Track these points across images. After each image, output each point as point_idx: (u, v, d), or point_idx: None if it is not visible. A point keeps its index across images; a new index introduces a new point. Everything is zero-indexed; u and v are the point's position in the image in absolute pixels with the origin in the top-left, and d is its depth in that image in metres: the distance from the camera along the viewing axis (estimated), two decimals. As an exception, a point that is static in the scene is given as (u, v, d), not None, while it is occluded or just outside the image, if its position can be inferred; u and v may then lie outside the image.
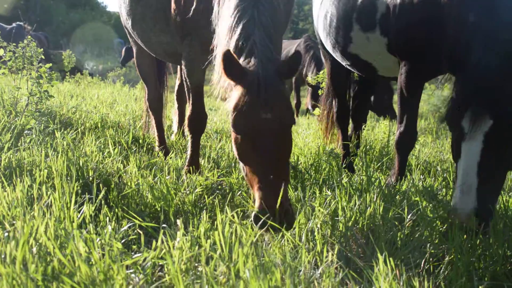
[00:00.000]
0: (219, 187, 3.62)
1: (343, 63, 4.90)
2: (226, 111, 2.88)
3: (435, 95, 15.80)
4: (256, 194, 2.57)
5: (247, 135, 2.69)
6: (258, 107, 2.66)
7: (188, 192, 3.28)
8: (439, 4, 3.50)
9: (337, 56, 4.86)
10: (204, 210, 2.88)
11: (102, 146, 4.21)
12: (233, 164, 4.29)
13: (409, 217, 2.77)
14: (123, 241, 2.52)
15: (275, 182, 2.54)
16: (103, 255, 2.07)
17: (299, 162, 4.22)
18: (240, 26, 3.00)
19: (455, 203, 2.74)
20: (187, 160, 4.00)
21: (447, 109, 2.97)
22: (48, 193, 2.72)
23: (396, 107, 6.59)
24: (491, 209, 2.70)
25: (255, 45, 2.89)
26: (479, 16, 3.14)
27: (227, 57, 2.70)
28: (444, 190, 3.48)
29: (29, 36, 5.16)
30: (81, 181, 3.19)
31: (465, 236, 2.43)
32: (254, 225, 2.45)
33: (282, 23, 3.65)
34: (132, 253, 2.42)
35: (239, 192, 3.41)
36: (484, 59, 2.92)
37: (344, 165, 4.75)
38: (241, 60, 2.84)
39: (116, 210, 2.91)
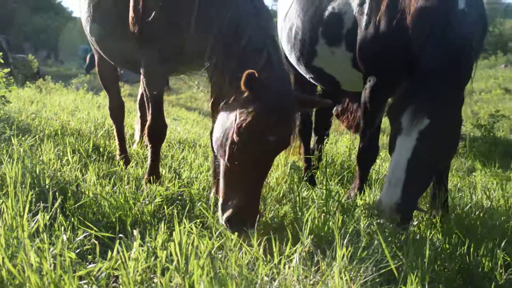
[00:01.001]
0: (180, 197, 3.58)
1: (307, 76, 4.95)
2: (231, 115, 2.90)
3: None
4: (234, 199, 2.77)
5: (248, 149, 2.78)
6: (268, 130, 2.76)
7: (147, 202, 3.24)
8: (404, 24, 3.59)
9: (301, 69, 4.91)
10: (163, 221, 2.86)
11: (61, 154, 4.12)
12: (194, 175, 4.26)
13: (367, 231, 2.81)
14: (78, 251, 2.47)
15: (254, 192, 2.79)
16: (55, 265, 2.01)
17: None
18: (246, 37, 3.03)
19: (381, 196, 2.87)
20: (147, 170, 3.95)
21: (390, 104, 3.08)
22: (0, 201, 2.64)
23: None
24: (414, 205, 2.81)
25: (272, 60, 2.97)
26: (433, 26, 3.29)
27: (251, 78, 2.73)
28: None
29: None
30: (37, 189, 3.11)
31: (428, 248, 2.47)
32: (224, 224, 2.68)
33: None
34: (87, 264, 2.37)
35: (200, 203, 3.39)
36: (431, 64, 3.09)
37: (305, 178, 4.79)
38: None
39: (73, 219, 2.85)
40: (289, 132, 2.89)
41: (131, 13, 3.75)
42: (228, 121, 2.91)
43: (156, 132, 3.89)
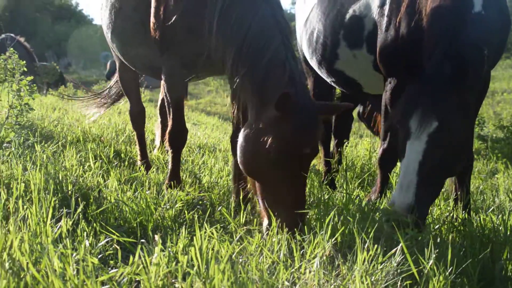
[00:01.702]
0: (200, 202, 3.60)
1: (328, 80, 4.94)
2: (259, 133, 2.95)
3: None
4: (278, 215, 2.83)
5: (284, 166, 2.85)
6: (301, 144, 2.87)
7: (168, 207, 3.27)
8: (422, 25, 3.56)
9: (322, 73, 4.90)
10: (184, 226, 2.87)
11: (83, 160, 4.18)
12: (215, 180, 4.28)
13: (388, 234, 2.79)
14: (100, 256, 2.50)
15: (294, 208, 2.84)
16: (78, 270, 2.04)
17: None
18: (271, 52, 3.09)
19: (394, 198, 2.88)
20: (168, 175, 3.98)
21: (397, 108, 3.09)
22: (25, 207, 2.69)
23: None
24: (427, 207, 2.85)
25: (294, 76, 3.03)
26: (444, 28, 3.28)
27: (286, 99, 2.80)
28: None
29: (11, 49, 5.13)
30: (59, 195, 3.16)
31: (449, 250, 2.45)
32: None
33: None
34: (109, 269, 2.39)
35: (220, 207, 3.40)
36: (437, 66, 3.07)
37: (325, 182, 4.77)
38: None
39: (95, 224, 2.89)
40: (317, 142, 3.01)
41: (152, 19, 3.79)
42: (258, 143, 2.94)
43: (177, 137, 3.92)
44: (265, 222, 2.96)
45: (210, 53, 3.51)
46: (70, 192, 3.22)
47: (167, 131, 3.97)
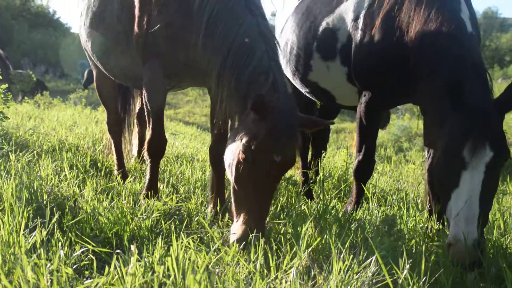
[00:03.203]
0: (177, 212, 3.59)
1: (303, 90, 4.99)
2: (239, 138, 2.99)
3: (395, 125, 16.20)
4: (242, 220, 2.88)
5: (253, 168, 2.90)
6: (274, 150, 2.88)
7: (145, 217, 3.24)
8: (400, 40, 3.62)
9: (297, 83, 4.95)
10: (160, 236, 2.86)
11: (59, 169, 4.13)
12: (192, 190, 4.27)
13: (363, 245, 2.81)
14: (75, 266, 2.47)
15: (261, 212, 2.90)
16: (52, 281, 2.02)
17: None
18: (255, 60, 3.14)
19: (458, 234, 2.71)
20: (145, 185, 3.96)
21: (448, 136, 2.97)
22: (-2, 216, 2.64)
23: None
24: (483, 241, 2.75)
25: (278, 85, 3.08)
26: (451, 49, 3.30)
27: (261, 100, 2.86)
28: (399, 219, 3.55)
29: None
30: (34, 204, 3.11)
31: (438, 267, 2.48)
32: (235, 243, 2.74)
33: None
34: (84, 279, 2.37)
35: (197, 217, 3.40)
36: (472, 96, 2.99)
37: (302, 192, 4.80)
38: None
39: (70, 235, 2.85)
40: (293, 153, 3.01)
41: (135, 29, 3.79)
42: (236, 143, 3.02)
43: (156, 147, 3.91)
44: (234, 222, 2.99)
45: (195, 64, 3.54)
46: (45, 201, 3.18)
47: (146, 141, 3.96)
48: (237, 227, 2.90)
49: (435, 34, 3.40)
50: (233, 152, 3.06)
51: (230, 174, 3.10)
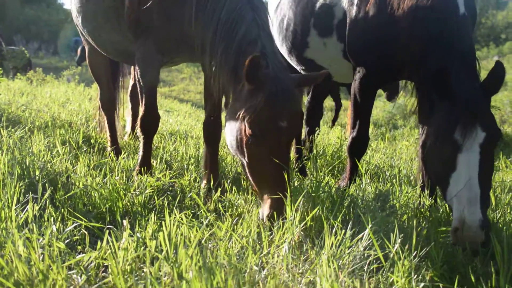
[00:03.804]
0: (170, 188, 3.59)
1: (298, 68, 4.96)
2: (236, 113, 2.96)
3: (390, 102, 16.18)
4: (265, 201, 2.82)
5: (262, 141, 2.85)
6: (278, 116, 2.84)
7: (137, 193, 3.24)
8: (392, 18, 3.60)
9: (292, 61, 4.91)
10: (153, 211, 2.86)
11: (51, 146, 4.11)
12: (185, 166, 4.27)
13: (355, 220, 2.83)
14: (67, 241, 2.47)
15: (283, 183, 2.80)
16: (44, 255, 2.02)
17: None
18: (243, 29, 3.11)
19: (463, 216, 2.70)
20: (138, 161, 3.95)
21: (433, 124, 3.01)
22: (-11, 192, 2.63)
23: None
24: (488, 220, 2.74)
25: (266, 51, 3.04)
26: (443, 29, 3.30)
27: (255, 63, 2.81)
28: (391, 195, 3.57)
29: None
30: (26, 180, 3.11)
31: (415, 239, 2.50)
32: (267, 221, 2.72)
33: None
34: (76, 254, 2.38)
35: (190, 193, 3.40)
36: (460, 75, 3.04)
37: (296, 169, 4.80)
38: None
39: (62, 210, 2.85)
40: (298, 115, 2.98)
41: (127, 3, 3.74)
42: (238, 120, 2.96)
43: (149, 123, 3.89)
44: (262, 210, 2.89)
45: (188, 39, 3.50)
46: (37, 177, 3.17)
47: (139, 117, 3.94)
48: (267, 205, 2.82)
49: (426, 16, 3.37)
50: (235, 131, 3.00)
51: (239, 154, 3.03)
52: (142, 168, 3.83)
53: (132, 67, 5.59)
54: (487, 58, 37.21)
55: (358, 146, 4.15)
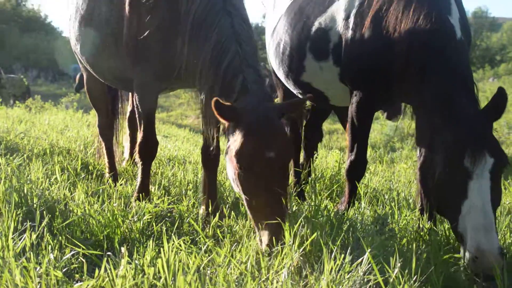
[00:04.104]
0: (169, 214, 3.58)
1: (295, 92, 4.98)
2: (228, 149, 3.01)
3: (388, 125, 16.24)
4: (263, 229, 2.81)
5: (252, 173, 2.86)
6: (261, 146, 2.84)
7: (136, 219, 3.23)
8: (388, 41, 3.63)
9: (289, 84, 4.94)
10: (151, 238, 2.85)
11: (50, 173, 4.11)
12: (184, 191, 4.26)
13: (355, 244, 2.82)
14: (65, 270, 2.45)
15: (277, 214, 2.77)
16: (41, 284, 2.00)
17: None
18: (225, 63, 3.16)
19: (481, 245, 2.69)
20: (137, 187, 3.95)
21: (444, 152, 2.98)
22: (-14, 220, 2.62)
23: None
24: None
25: (247, 83, 3.08)
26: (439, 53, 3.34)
27: (218, 106, 2.86)
28: (390, 218, 3.56)
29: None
30: (24, 208, 3.10)
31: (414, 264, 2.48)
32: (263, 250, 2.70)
33: None
34: (74, 282, 2.36)
35: (189, 219, 3.39)
36: (463, 102, 3.07)
37: (294, 193, 4.79)
38: (233, 98, 3.03)
39: (60, 238, 2.84)
40: (285, 143, 2.96)
41: (125, 31, 3.78)
42: (229, 154, 3.01)
43: (148, 149, 3.90)
44: (261, 238, 2.88)
45: (184, 66, 3.54)
46: (35, 205, 3.16)
47: (138, 143, 3.95)
48: (265, 233, 2.81)
49: (424, 40, 3.41)
50: (230, 166, 3.04)
51: (236, 188, 3.07)
52: (141, 194, 3.83)
53: (130, 93, 5.62)
54: (483, 80, 37.53)
55: (357, 169, 4.15)
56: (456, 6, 3.64)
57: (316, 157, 5.70)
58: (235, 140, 2.91)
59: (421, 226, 3.55)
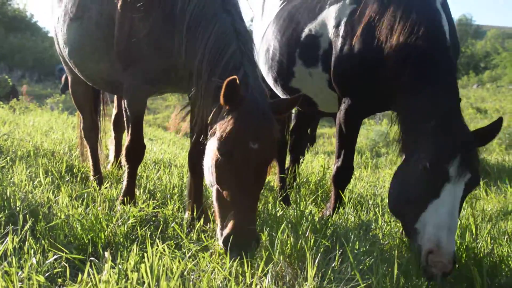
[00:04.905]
0: (154, 218, 3.57)
1: (284, 97, 4.99)
2: (214, 133, 2.96)
3: (374, 130, 16.34)
4: (230, 218, 2.73)
5: (231, 160, 2.81)
6: (248, 136, 2.80)
7: (120, 223, 3.22)
8: (380, 50, 3.67)
9: (278, 90, 4.95)
10: (136, 242, 2.84)
11: (33, 175, 4.07)
12: (169, 195, 4.25)
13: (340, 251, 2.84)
14: (47, 274, 2.44)
15: (249, 210, 2.75)
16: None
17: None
18: (227, 57, 3.14)
19: (441, 242, 2.79)
20: (122, 191, 3.93)
21: (432, 151, 3.05)
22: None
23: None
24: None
25: (248, 77, 3.05)
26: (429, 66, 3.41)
27: (232, 84, 2.81)
28: (373, 223, 3.58)
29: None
30: (7, 211, 3.07)
31: (396, 269, 2.51)
32: (223, 246, 2.65)
33: None
34: (57, 287, 2.34)
35: (173, 223, 3.38)
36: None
37: (279, 198, 4.80)
38: None
39: (43, 241, 2.81)
40: (270, 139, 2.92)
41: (116, 34, 3.76)
42: (211, 143, 2.96)
43: (134, 152, 3.89)
44: (219, 229, 2.83)
45: (177, 70, 3.52)
46: (18, 208, 3.13)
47: (125, 146, 3.93)
48: (224, 231, 2.74)
49: (417, 52, 3.45)
50: (209, 154, 2.99)
51: (210, 178, 2.99)
52: (125, 198, 3.81)
53: (116, 96, 5.59)
54: (467, 86, 37.92)
55: (343, 175, 4.17)
56: (446, 16, 3.69)
57: (302, 162, 5.72)
58: (224, 124, 2.87)
59: (404, 232, 3.59)
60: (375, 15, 3.76)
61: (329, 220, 3.52)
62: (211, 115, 3.09)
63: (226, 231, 2.71)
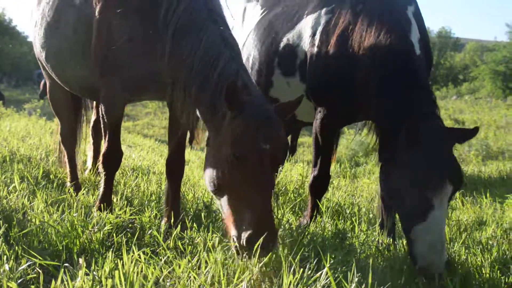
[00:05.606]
0: (130, 225, 3.54)
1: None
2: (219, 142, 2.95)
3: (354, 140, 16.47)
4: (249, 220, 2.72)
5: (246, 163, 2.81)
6: (260, 138, 2.83)
7: (96, 230, 3.19)
8: (353, 58, 3.72)
9: (257, 100, 4.96)
10: (111, 249, 2.82)
11: (8, 181, 4.02)
12: (146, 202, 4.23)
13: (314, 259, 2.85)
14: (20, 280, 2.40)
15: (266, 209, 2.78)
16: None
17: (212, 202, 4.23)
18: (222, 64, 3.15)
19: (436, 258, 2.93)
20: (99, 197, 3.89)
21: (409, 181, 3.09)
22: None
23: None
24: None
25: (247, 83, 3.08)
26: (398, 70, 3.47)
27: (232, 87, 2.85)
28: (350, 232, 3.61)
29: None
30: (-21, 217, 3.02)
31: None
32: (247, 246, 2.64)
33: None
34: (29, 294, 2.31)
35: (150, 230, 3.36)
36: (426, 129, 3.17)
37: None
38: None
39: (16, 248, 2.77)
40: (281, 140, 2.97)
41: (94, 41, 3.72)
42: (219, 151, 2.94)
43: (112, 159, 3.85)
44: (236, 232, 2.79)
45: (158, 78, 3.50)
46: (-9, 214, 3.09)
47: (102, 153, 3.89)
48: (245, 233, 2.71)
49: (383, 56, 3.51)
50: (215, 164, 2.96)
51: (214, 185, 2.96)
52: (102, 205, 3.78)
53: (95, 102, 5.55)
54: (446, 98, 38.49)
55: (320, 184, 4.20)
56: (417, 26, 3.76)
57: (281, 171, 5.74)
58: (234, 129, 2.87)
59: (380, 241, 3.62)
60: (348, 24, 3.82)
61: (306, 228, 3.54)
62: (210, 124, 3.10)
63: (248, 232, 2.70)
